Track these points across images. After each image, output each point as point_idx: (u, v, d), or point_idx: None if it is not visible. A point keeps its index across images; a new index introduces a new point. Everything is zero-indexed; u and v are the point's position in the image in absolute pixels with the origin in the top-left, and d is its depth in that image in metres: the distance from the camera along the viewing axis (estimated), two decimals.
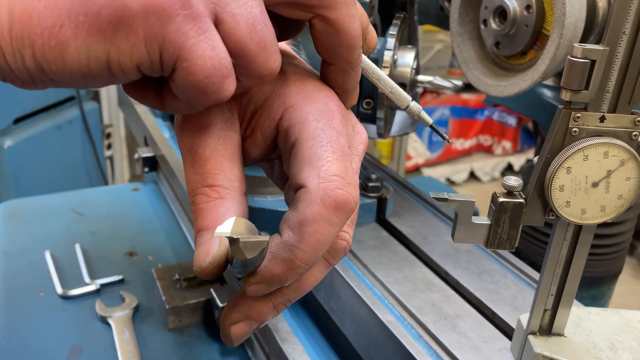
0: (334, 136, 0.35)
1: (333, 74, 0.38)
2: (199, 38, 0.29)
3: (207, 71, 0.29)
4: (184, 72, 0.29)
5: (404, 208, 0.74)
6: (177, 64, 0.29)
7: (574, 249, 0.43)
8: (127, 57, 0.28)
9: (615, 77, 0.38)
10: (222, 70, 0.30)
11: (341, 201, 0.33)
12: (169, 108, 0.33)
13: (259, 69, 0.32)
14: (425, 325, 0.53)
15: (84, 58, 0.28)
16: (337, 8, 0.34)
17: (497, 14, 0.63)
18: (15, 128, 1.88)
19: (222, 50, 0.30)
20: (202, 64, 0.29)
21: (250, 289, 0.34)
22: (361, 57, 0.38)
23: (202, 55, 0.29)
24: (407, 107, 0.44)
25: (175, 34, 0.28)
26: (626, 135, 0.39)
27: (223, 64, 0.30)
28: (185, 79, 0.29)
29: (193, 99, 0.31)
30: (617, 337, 0.47)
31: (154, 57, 0.29)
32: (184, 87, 0.30)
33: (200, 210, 0.35)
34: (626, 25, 0.36)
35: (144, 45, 0.28)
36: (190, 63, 0.29)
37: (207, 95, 0.30)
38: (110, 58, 0.28)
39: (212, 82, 0.30)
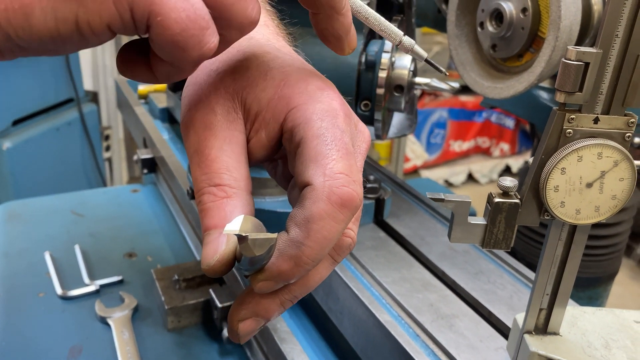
0: (338, 135, 0.35)
1: (321, 23, 0.38)
2: None
3: (182, 23, 0.28)
4: (159, 28, 0.28)
5: (402, 209, 0.74)
6: (150, 20, 0.28)
7: (568, 249, 0.44)
8: (97, 17, 0.28)
9: (608, 79, 0.38)
10: (200, 22, 0.29)
11: (347, 198, 0.33)
12: (161, 76, 0.33)
13: (238, 18, 0.31)
14: (422, 325, 0.53)
15: (51, 20, 0.27)
16: None
17: (494, 17, 0.64)
18: (14, 130, 1.89)
19: (197, 1, 0.29)
20: (176, 16, 0.28)
21: (258, 285, 0.34)
22: None
23: (175, 7, 0.28)
24: (399, 43, 0.44)
25: None
26: (620, 137, 0.40)
27: (199, 15, 0.29)
28: (162, 34, 0.29)
29: (176, 56, 0.30)
30: (612, 336, 0.47)
31: (125, 14, 0.28)
32: (163, 44, 0.29)
33: (207, 209, 0.35)
34: (619, 28, 0.37)
35: (112, 3, 0.27)
36: (163, 17, 0.28)
37: (188, 49, 0.29)
38: (79, 19, 0.27)
39: (191, 35, 0.29)
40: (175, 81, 0.34)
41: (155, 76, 0.33)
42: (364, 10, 0.41)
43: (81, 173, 2.21)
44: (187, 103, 0.38)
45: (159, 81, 0.33)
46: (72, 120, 2.11)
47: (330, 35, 0.38)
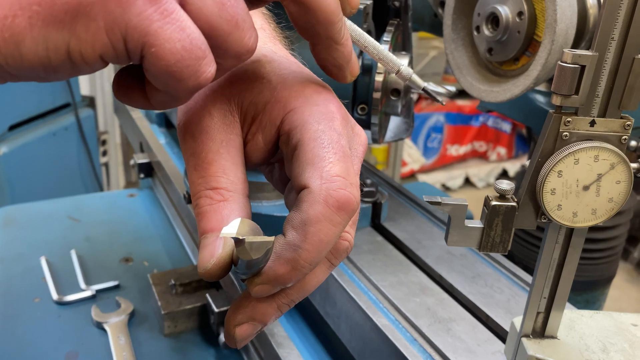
0: (335, 137, 0.35)
1: (321, 54, 0.37)
2: (164, 21, 0.27)
3: (177, 54, 0.28)
4: (153, 58, 0.28)
5: (399, 213, 0.74)
6: (144, 51, 0.28)
7: (566, 252, 0.44)
8: (89, 47, 0.27)
9: (604, 82, 0.38)
10: (196, 52, 0.28)
11: (344, 201, 0.33)
12: (156, 104, 0.32)
13: (235, 48, 0.31)
14: (419, 329, 0.53)
15: (42, 49, 0.27)
16: None
17: (490, 21, 0.64)
18: (11, 135, 1.88)
19: (193, 31, 0.28)
20: (171, 47, 0.27)
21: (254, 289, 0.34)
22: (343, 29, 0.37)
23: (170, 38, 0.27)
24: (397, 72, 0.43)
25: (137, 19, 0.27)
26: (616, 139, 0.40)
27: (195, 45, 0.28)
28: (156, 65, 0.28)
29: (171, 86, 0.29)
30: (610, 339, 0.47)
31: (118, 45, 0.27)
32: (158, 75, 0.29)
33: (204, 212, 0.35)
34: (614, 31, 0.37)
35: (105, 34, 0.27)
36: (158, 48, 0.27)
37: (184, 80, 0.29)
38: (71, 48, 0.27)
39: (186, 65, 0.28)
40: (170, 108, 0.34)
41: (150, 103, 0.33)
42: (363, 38, 0.41)
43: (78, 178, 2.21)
44: (184, 106, 0.38)
45: (153, 108, 0.33)
46: (69, 125, 2.11)
47: (330, 66, 0.38)
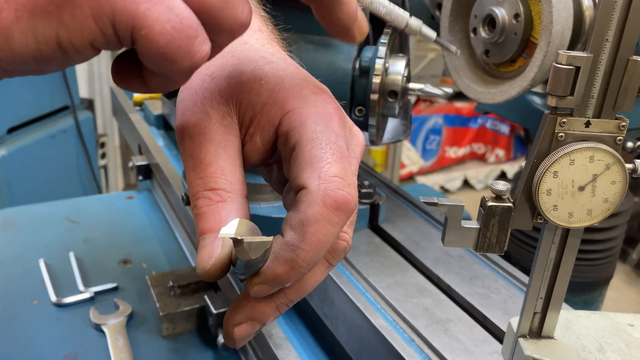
0: (332, 138, 0.35)
1: (326, 16, 0.37)
2: (151, 2, 0.27)
3: (168, 35, 0.27)
4: (144, 41, 0.27)
5: (397, 214, 0.75)
6: (134, 34, 0.27)
7: (562, 252, 0.44)
8: (78, 35, 0.27)
9: (599, 83, 0.39)
10: (187, 31, 0.28)
11: (342, 201, 0.33)
12: (154, 87, 0.32)
13: (228, 23, 0.30)
14: (417, 330, 0.53)
15: (32, 42, 0.27)
16: None
17: (487, 23, 0.64)
18: (9, 138, 1.88)
19: (182, 10, 0.28)
20: (160, 28, 0.27)
21: (253, 289, 0.34)
22: None
23: (159, 19, 0.27)
24: (406, 26, 0.43)
25: (123, 3, 0.27)
26: (611, 140, 0.40)
27: (186, 24, 0.28)
28: (148, 47, 0.28)
29: (165, 67, 0.29)
30: (606, 339, 0.47)
31: (107, 31, 0.27)
32: (151, 57, 0.28)
33: (202, 213, 0.35)
34: (609, 32, 0.37)
35: (92, 20, 0.27)
36: (147, 30, 0.27)
37: (178, 60, 0.28)
38: (60, 38, 0.27)
39: (178, 46, 0.28)
40: (169, 91, 0.34)
41: (148, 87, 0.32)
42: None
43: (77, 180, 2.21)
44: (182, 108, 0.38)
45: (152, 91, 0.33)
46: (68, 128, 2.11)
47: (337, 27, 0.37)
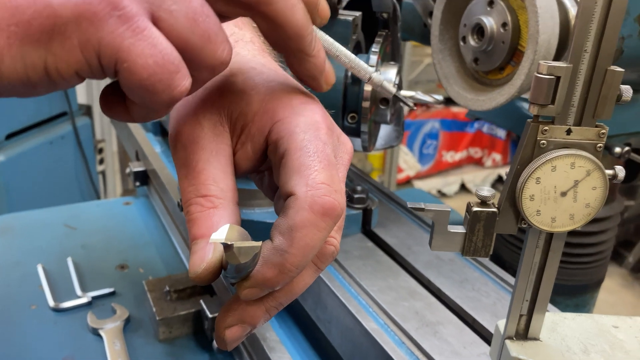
0: (320, 146, 0.37)
1: (294, 66, 0.39)
2: (136, 37, 0.29)
3: (150, 69, 0.29)
4: (126, 73, 0.29)
5: (389, 219, 0.76)
6: (117, 66, 0.29)
7: (546, 256, 0.45)
8: (64, 64, 0.29)
9: (579, 92, 0.40)
10: (168, 66, 0.30)
11: (328, 207, 0.35)
12: (137, 117, 0.34)
13: (208, 61, 0.32)
14: (407, 332, 0.55)
15: (21, 67, 0.28)
16: (274, 3, 0.34)
17: (475, 31, 0.66)
18: (8, 144, 1.89)
19: (165, 46, 0.30)
20: (142, 62, 0.29)
21: (243, 293, 0.36)
22: (314, 41, 0.38)
23: (142, 53, 0.29)
24: (369, 79, 0.45)
25: (110, 37, 0.28)
26: (591, 147, 0.41)
27: (168, 60, 0.30)
28: (130, 79, 0.29)
29: (146, 99, 0.31)
30: (591, 340, 0.48)
31: (92, 61, 0.29)
32: (132, 89, 0.30)
33: (194, 219, 0.37)
34: (587, 43, 0.38)
35: (79, 51, 0.29)
36: (130, 63, 0.29)
37: (158, 93, 0.30)
38: (48, 65, 0.29)
39: (159, 80, 0.30)
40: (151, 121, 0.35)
41: (131, 116, 0.34)
42: (335, 47, 0.42)
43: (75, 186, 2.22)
44: (175, 117, 0.40)
45: (135, 121, 0.35)
46: (66, 134, 2.12)
47: (304, 77, 0.39)
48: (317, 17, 0.39)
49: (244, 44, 0.45)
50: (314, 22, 0.38)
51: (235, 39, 0.45)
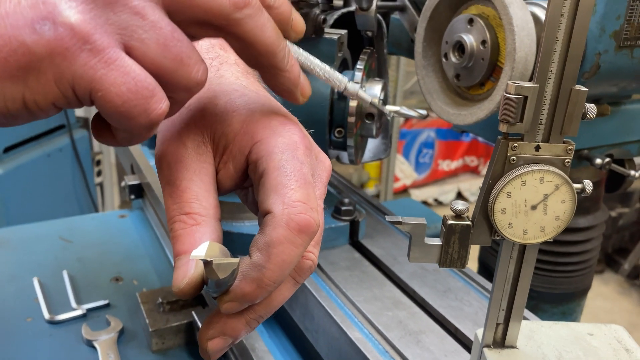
0: (297, 166, 0.39)
1: (269, 81, 0.40)
2: (108, 68, 0.30)
3: (124, 96, 0.31)
4: (102, 101, 0.31)
5: (377, 230, 0.78)
6: (92, 96, 0.31)
7: (520, 267, 0.47)
8: (41, 96, 0.31)
9: (546, 111, 0.42)
10: (142, 92, 0.31)
11: (304, 224, 0.37)
12: (122, 141, 0.36)
13: (183, 83, 0.34)
14: (391, 341, 0.56)
15: (1, 100, 0.30)
16: (243, 24, 0.35)
17: (456, 49, 0.68)
18: (6, 157, 1.91)
19: (138, 73, 0.31)
20: (116, 90, 0.31)
21: (224, 306, 0.38)
22: (287, 57, 0.39)
23: (115, 82, 0.31)
24: (345, 89, 0.47)
25: (82, 69, 0.30)
26: (560, 162, 0.43)
27: (142, 86, 0.31)
28: (105, 107, 0.31)
29: (124, 124, 0.32)
30: (566, 347, 0.50)
31: (68, 93, 0.31)
32: (110, 115, 0.32)
33: (178, 236, 0.38)
34: (552, 65, 0.41)
35: (55, 85, 0.30)
36: (104, 92, 0.31)
37: (135, 117, 0.32)
38: (26, 98, 0.31)
39: (134, 105, 0.31)
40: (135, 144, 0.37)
41: (116, 141, 0.36)
42: (309, 60, 0.44)
43: (73, 198, 2.24)
44: (161, 137, 0.42)
45: (121, 145, 0.36)
46: (64, 147, 2.14)
47: (280, 91, 0.41)
48: (290, 32, 0.40)
49: (229, 66, 0.47)
50: (288, 37, 0.40)
51: (220, 62, 0.47)
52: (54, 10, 0.30)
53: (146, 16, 0.31)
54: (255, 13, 0.36)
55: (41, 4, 0.30)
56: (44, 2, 0.30)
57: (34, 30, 0.29)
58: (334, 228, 0.73)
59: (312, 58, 0.44)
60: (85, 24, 0.30)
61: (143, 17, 0.31)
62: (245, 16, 0.35)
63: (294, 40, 0.42)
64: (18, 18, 0.29)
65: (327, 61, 0.69)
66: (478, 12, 0.65)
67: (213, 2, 0.34)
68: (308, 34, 0.68)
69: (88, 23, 0.30)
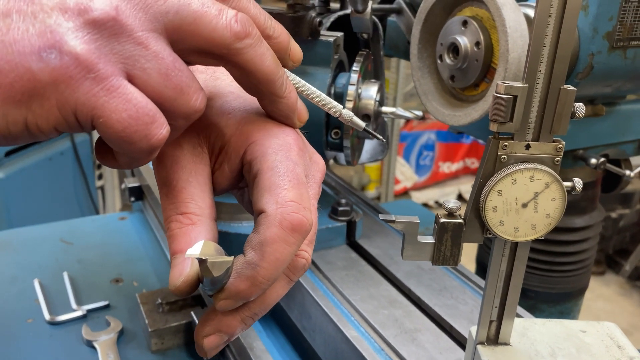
0: (290, 167, 0.40)
1: (267, 107, 0.42)
2: (110, 96, 0.31)
3: (125, 122, 0.32)
4: (102, 127, 0.32)
5: (374, 230, 0.78)
6: (94, 122, 0.32)
7: (512, 264, 0.48)
8: (44, 121, 0.32)
9: (536, 110, 0.43)
10: (143, 119, 0.32)
11: (297, 223, 0.38)
12: (123, 164, 0.37)
13: (183, 110, 0.35)
14: (386, 339, 0.57)
15: (3, 123, 0.31)
16: (243, 53, 0.36)
17: (451, 50, 0.68)
18: (7, 161, 1.92)
19: (140, 100, 0.32)
20: (117, 117, 0.32)
21: (219, 304, 0.38)
22: (285, 84, 0.40)
23: (116, 109, 0.31)
24: (339, 115, 0.48)
25: (85, 97, 0.31)
26: (550, 161, 0.44)
27: (143, 112, 0.32)
28: (107, 132, 0.32)
29: (125, 149, 0.34)
30: (559, 344, 0.51)
31: (70, 119, 0.32)
32: (111, 140, 0.33)
33: (174, 235, 0.39)
34: (541, 65, 0.41)
35: (57, 110, 0.31)
36: (105, 119, 0.32)
37: (135, 143, 0.33)
38: (28, 122, 0.31)
39: (135, 131, 0.32)
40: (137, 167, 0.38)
41: (118, 163, 0.37)
42: (306, 88, 0.45)
43: (74, 202, 2.25)
44: None
45: (123, 168, 0.38)
46: (65, 150, 2.16)
47: (278, 116, 0.42)
48: (288, 61, 0.42)
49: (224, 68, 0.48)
50: (286, 66, 0.41)
51: None
52: (61, 40, 0.30)
53: (149, 46, 0.33)
54: (256, 43, 0.37)
55: (49, 32, 0.30)
56: (51, 31, 0.30)
57: (41, 58, 0.30)
58: (330, 228, 0.74)
59: (308, 85, 0.45)
60: (90, 54, 0.31)
61: (146, 48, 0.32)
62: (245, 46, 0.36)
63: (292, 68, 0.43)
64: (25, 45, 0.30)
65: (323, 63, 0.70)
66: (472, 14, 0.66)
67: (215, 32, 0.35)
68: (304, 37, 0.68)
69: (93, 53, 0.31)
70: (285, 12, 0.68)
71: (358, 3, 0.71)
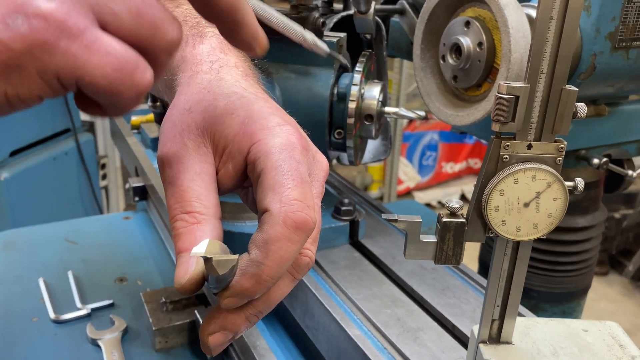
0: (294, 166, 0.40)
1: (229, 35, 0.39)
2: (90, 52, 0.29)
3: (110, 76, 0.30)
4: (89, 85, 0.30)
5: (376, 230, 0.79)
6: (79, 82, 0.30)
7: (514, 264, 0.48)
8: (26, 91, 0.30)
9: (537, 110, 0.43)
10: (127, 67, 0.30)
11: (300, 222, 0.38)
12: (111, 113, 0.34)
13: (161, 46, 0.33)
14: (389, 338, 0.57)
15: None
16: None
17: (454, 51, 0.69)
18: (12, 160, 1.93)
19: (119, 50, 0.30)
20: (101, 72, 0.30)
21: (224, 302, 0.39)
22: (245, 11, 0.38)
23: (99, 65, 0.30)
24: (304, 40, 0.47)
25: (65, 59, 0.29)
26: (551, 161, 0.44)
27: (125, 60, 0.30)
28: (93, 89, 0.30)
29: (112, 100, 0.32)
30: (560, 343, 0.51)
31: (53, 84, 0.30)
32: (98, 96, 0.31)
33: (179, 234, 0.40)
34: (543, 65, 0.42)
35: (38, 78, 0.29)
36: (90, 77, 0.30)
37: (123, 92, 0.31)
38: (8, 94, 0.30)
39: (121, 82, 0.30)
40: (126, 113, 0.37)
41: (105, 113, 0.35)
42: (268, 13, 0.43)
43: (78, 201, 2.26)
44: (163, 139, 0.43)
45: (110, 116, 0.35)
46: (69, 150, 2.16)
47: (239, 45, 0.40)
48: None
49: (229, 69, 0.48)
50: None
51: (220, 65, 0.48)
52: (23, 2, 0.28)
53: None
54: None
55: None
56: None
57: (7, 26, 0.28)
58: (334, 228, 0.75)
59: (270, 10, 0.44)
60: (57, 11, 0.29)
61: None
62: None
63: None
64: None
65: (327, 63, 0.71)
66: (475, 14, 0.66)
67: None
68: None
69: (60, 8, 0.29)
70: (289, 12, 0.68)
71: (361, 4, 0.71)
